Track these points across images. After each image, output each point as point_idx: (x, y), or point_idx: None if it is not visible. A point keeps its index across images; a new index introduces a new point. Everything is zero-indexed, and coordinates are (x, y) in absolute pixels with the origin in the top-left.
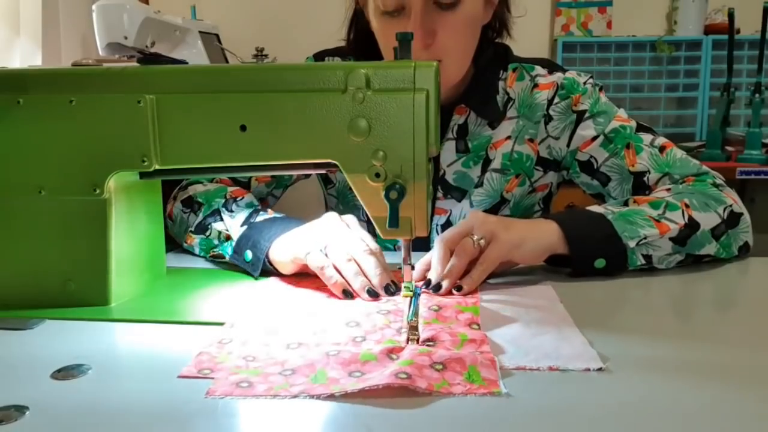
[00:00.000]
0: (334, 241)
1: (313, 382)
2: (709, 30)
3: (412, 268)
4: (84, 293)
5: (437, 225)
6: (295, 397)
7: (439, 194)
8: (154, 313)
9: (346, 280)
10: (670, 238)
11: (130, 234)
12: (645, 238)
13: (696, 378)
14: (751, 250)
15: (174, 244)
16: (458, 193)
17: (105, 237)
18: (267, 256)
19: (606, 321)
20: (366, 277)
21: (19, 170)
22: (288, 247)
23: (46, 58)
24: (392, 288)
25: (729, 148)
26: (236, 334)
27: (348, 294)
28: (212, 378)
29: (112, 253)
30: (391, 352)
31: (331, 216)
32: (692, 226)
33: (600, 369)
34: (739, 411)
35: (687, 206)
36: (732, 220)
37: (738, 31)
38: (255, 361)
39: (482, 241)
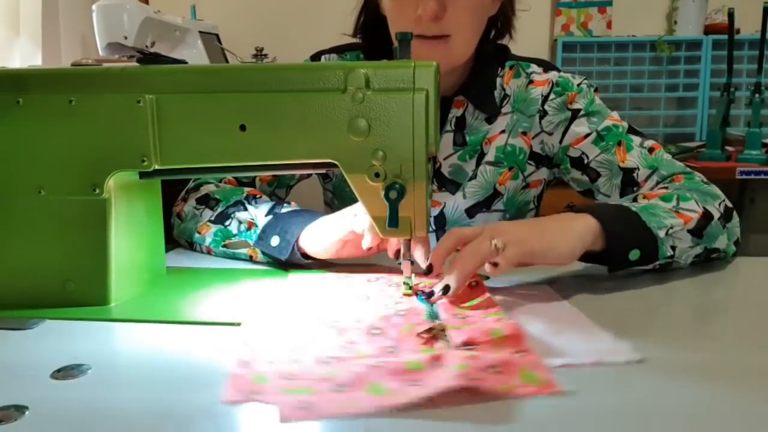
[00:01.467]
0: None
1: (376, 395)
2: (709, 30)
3: (412, 263)
4: (84, 293)
5: (431, 217)
6: (375, 414)
7: (434, 187)
8: (154, 313)
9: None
10: (689, 231)
11: (129, 234)
12: (671, 227)
13: (703, 380)
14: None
15: (174, 243)
16: (452, 185)
17: (105, 237)
18: (297, 243)
19: (615, 324)
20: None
21: (19, 170)
22: (325, 229)
23: (46, 58)
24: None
25: (729, 148)
26: (254, 353)
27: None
28: (261, 401)
29: (111, 253)
30: (435, 360)
31: (357, 204)
32: (707, 216)
33: (640, 360)
34: (749, 412)
35: (694, 200)
36: (727, 214)
37: (738, 31)
38: (296, 379)
39: (499, 244)
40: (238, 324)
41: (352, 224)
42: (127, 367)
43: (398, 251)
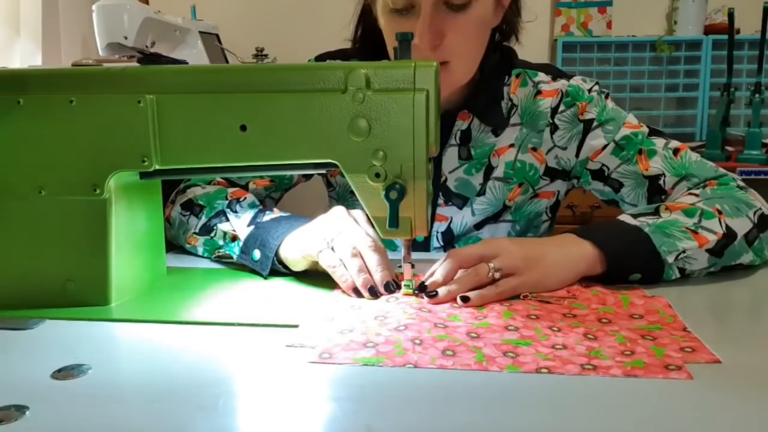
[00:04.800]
0: (341, 235)
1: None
2: (709, 30)
3: (412, 266)
4: (84, 293)
5: (438, 232)
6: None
7: (440, 201)
8: (154, 313)
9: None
10: (707, 250)
11: (130, 234)
12: (684, 251)
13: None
14: None
15: (174, 244)
16: (459, 200)
17: (105, 237)
18: (277, 255)
19: None
20: (369, 273)
21: (19, 170)
22: (298, 244)
23: (46, 58)
24: (392, 286)
25: (729, 148)
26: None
27: (358, 292)
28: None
29: (112, 253)
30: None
31: (339, 210)
32: (729, 235)
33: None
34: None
35: (720, 212)
36: (762, 223)
37: (738, 31)
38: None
39: (497, 274)
40: (238, 324)
41: (318, 257)
42: (127, 367)
43: (371, 288)
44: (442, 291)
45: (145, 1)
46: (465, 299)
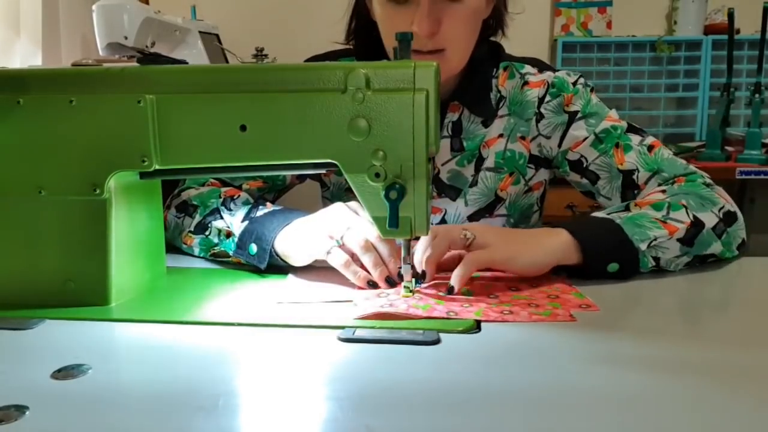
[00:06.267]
0: (350, 231)
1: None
2: (708, 30)
3: (413, 267)
4: (84, 293)
5: (433, 224)
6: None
7: (433, 193)
8: (154, 313)
9: (367, 271)
10: (678, 239)
11: (130, 234)
12: (655, 239)
13: (698, 377)
14: (747, 247)
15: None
16: (452, 192)
17: (105, 237)
18: (273, 248)
19: (611, 321)
20: (384, 264)
21: (18, 170)
22: (302, 243)
23: (46, 58)
24: (397, 279)
25: (729, 148)
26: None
27: (373, 284)
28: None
29: (111, 253)
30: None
31: (339, 206)
32: (697, 224)
33: None
34: (734, 409)
35: (686, 207)
36: (728, 218)
37: (738, 31)
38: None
39: (470, 235)
40: (238, 324)
41: (327, 257)
42: (127, 367)
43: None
44: (426, 268)
45: (145, 1)
46: (450, 290)
